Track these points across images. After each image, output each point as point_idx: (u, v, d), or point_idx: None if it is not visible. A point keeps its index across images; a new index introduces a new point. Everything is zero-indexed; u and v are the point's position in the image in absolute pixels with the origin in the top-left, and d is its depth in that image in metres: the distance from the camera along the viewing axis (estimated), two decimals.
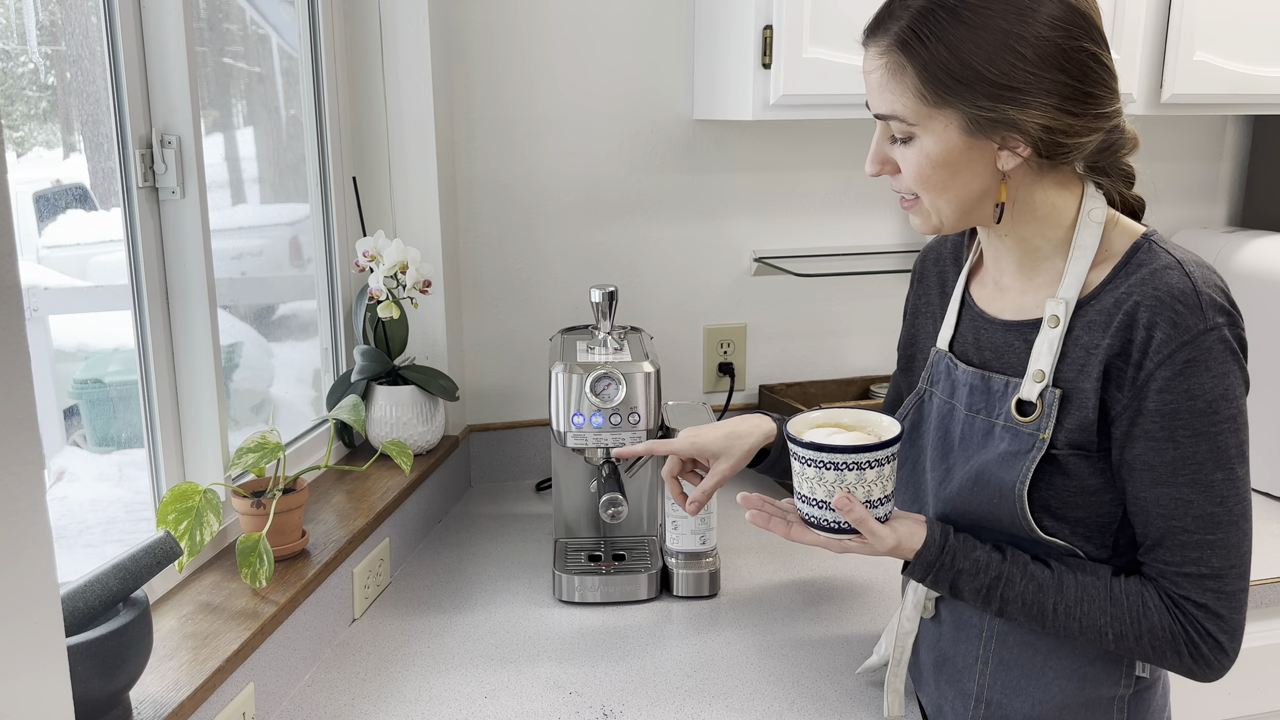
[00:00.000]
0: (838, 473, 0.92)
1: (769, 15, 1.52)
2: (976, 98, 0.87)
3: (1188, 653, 0.91)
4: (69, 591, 0.90)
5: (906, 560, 0.98)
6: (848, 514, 0.92)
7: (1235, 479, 0.89)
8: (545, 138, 1.82)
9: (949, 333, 1.07)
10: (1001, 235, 0.98)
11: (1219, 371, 0.87)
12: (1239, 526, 0.89)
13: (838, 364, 2.03)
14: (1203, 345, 0.87)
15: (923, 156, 0.91)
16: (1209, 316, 0.87)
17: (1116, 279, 0.92)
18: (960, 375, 1.03)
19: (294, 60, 1.58)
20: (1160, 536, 0.91)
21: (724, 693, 1.20)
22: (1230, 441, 0.88)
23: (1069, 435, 0.93)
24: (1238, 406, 0.89)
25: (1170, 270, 0.89)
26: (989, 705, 1.04)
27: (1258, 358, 1.72)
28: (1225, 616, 0.90)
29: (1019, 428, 0.95)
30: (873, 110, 0.94)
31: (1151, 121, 2.09)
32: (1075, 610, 0.93)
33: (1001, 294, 1.02)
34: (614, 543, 1.52)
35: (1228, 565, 0.89)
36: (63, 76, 1.12)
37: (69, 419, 1.22)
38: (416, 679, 1.23)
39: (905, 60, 0.89)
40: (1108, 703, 0.99)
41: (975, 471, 0.97)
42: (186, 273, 1.21)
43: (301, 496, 1.28)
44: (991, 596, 0.95)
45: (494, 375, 1.89)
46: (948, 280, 1.12)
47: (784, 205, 1.94)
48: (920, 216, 0.97)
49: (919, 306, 1.16)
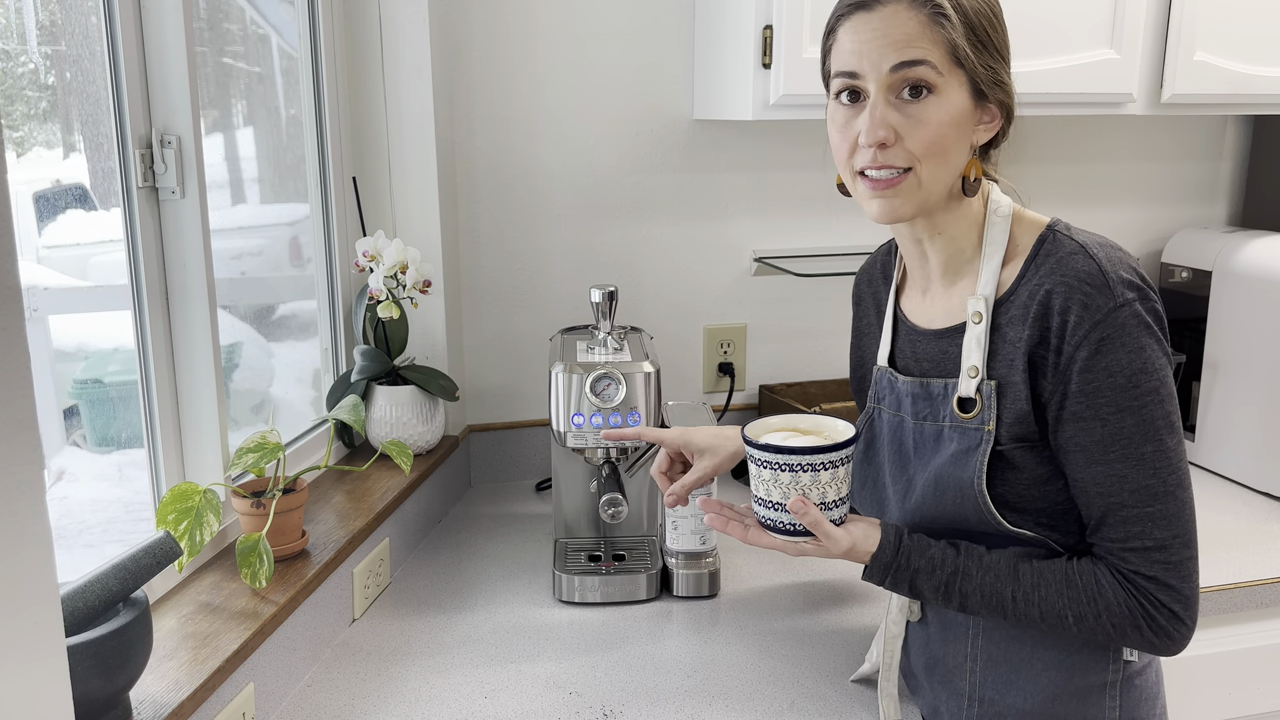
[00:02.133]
0: (792, 474, 0.93)
1: (769, 15, 1.52)
2: (988, 58, 0.91)
3: (1146, 626, 0.91)
4: (69, 591, 0.90)
5: (865, 565, 0.99)
6: (802, 516, 0.93)
7: (1165, 449, 0.90)
8: (545, 137, 1.82)
9: (887, 348, 1.09)
10: (931, 236, 1.00)
11: (1134, 346, 0.89)
12: (1176, 496, 0.90)
13: (838, 364, 2.03)
14: (1115, 322, 0.88)
15: (943, 113, 0.91)
16: (1118, 293, 0.89)
17: (1029, 272, 0.94)
18: (902, 387, 1.05)
19: (294, 60, 1.58)
20: (1102, 515, 0.92)
21: (724, 693, 1.20)
22: (1156, 413, 0.89)
23: (1010, 429, 0.95)
24: (1159, 379, 0.90)
25: (1076, 255, 0.92)
26: (983, 703, 1.04)
27: (1258, 358, 1.72)
28: (1175, 586, 0.91)
29: (964, 425, 0.97)
30: (893, 61, 0.90)
31: (1151, 121, 2.09)
32: (1034, 596, 0.94)
33: (929, 304, 1.04)
34: (614, 543, 1.52)
35: (1170, 535, 0.90)
36: (63, 76, 1.12)
37: (69, 419, 1.22)
38: (416, 679, 1.23)
39: (949, 9, 0.89)
40: (1099, 689, 1.00)
41: (934, 476, 0.99)
42: (186, 273, 1.21)
43: (301, 496, 1.28)
44: (951, 592, 0.96)
45: (494, 375, 1.89)
46: (881, 299, 1.14)
47: (784, 205, 1.94)
48: (902, 197, 0.94)
49: (861, 329, 1.18)
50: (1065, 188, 2.08)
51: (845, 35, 0.94)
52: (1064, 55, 1.62)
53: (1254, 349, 1.73)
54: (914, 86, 0.91)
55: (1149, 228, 2.13)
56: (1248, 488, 1.77)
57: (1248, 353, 1.73)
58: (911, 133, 0.92)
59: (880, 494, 1.09)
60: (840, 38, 0.95)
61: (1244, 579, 1.46)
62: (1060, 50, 1.62)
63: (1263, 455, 1.73)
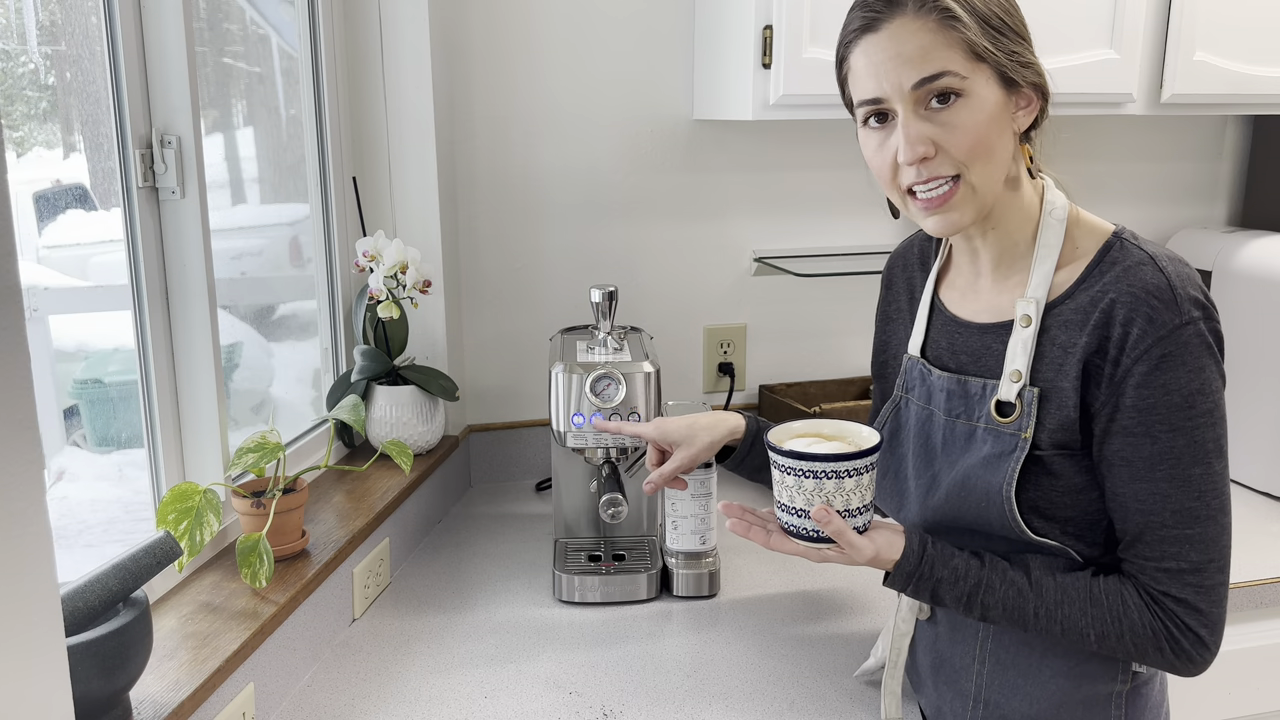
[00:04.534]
0: (817, 481, 0.93)
1: (769, 15, 1.52)
2: (1010, 43, 0.90)
3: (1169, 648, 0.91)
4: (69, 591, 0.90)
5: (887, 571, 0.98)
6: (826, 526, 0.92)
7: (1213, 473, 0.89)
8: (545, 137, 1.82)
9: (920, 338, 1.07)
10: (985, 231, 0.98)
11: (1195, 366, 0.87)
12: (1217, 521, 0.89)
13: (838, 364, 2.03)
14: (1179, 340, 0.87)
15: (977, 114, 0.89)
16: (1185, 311, 0.87)
17: (1091, 277, 0.93)
18: (936, 380, 1.03)
19: (294, 60, 1.58)
20: (1139, 532, 0.91)
21: (724, 693, 1.20)
22: (1207, 436, 0.88)
23: (1052, 435, 0.93)
24: (1214, 401, 0.89)
25: (1144, 266, 0.90)
26: (987, 705, 1.04)
27: (1258, 358, 1.72)
28: (1205, 611, 0.90)
29: (1000, 429, 0.95)
30: (914, 78, 0.88)
31: (1151, 121, 2.09)
32: (1056, 613, 0.93)
33: (974, 296, 1.02)
34: (614, 543, 1.52)
35: (1206, 560, 0.89)
36: (63, 76, 1.12)
37: (69, 419, 1.22)
38: (416, 679, 1.23)
39: (957, 9, 0.88)
40: (1105, 699, 0.99)
41: (961, 476, 0.98)
42: (186, 273, 1.21)
43: (301, 496, 1.28)
44: (973, 603, 0.96)
45: (494, 375, 1.89)
46: (916, 285, 1.12)
47: (784, 205, 1.94)
48: (959, 209, 0.91)
49: (889, 313, 1.16)
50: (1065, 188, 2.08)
51: (858, 61, 0.92)
52: (1064, 55, 1.62)
53: (1254, 349, 1.73)
54: (940, 95, 0.89)
55: (1149, 228, 2.13)
56: (1248, 488, 1.77)
57: (1248, 353, 1.73)
58: (950, 140, 0.89)
59: (901, 485, 1.07)
60: (854, 65, 0.92)
61: (1244, 579, 1.46)
62: (1060, 50, 1.62)
63: (1263, 455, 1.73)
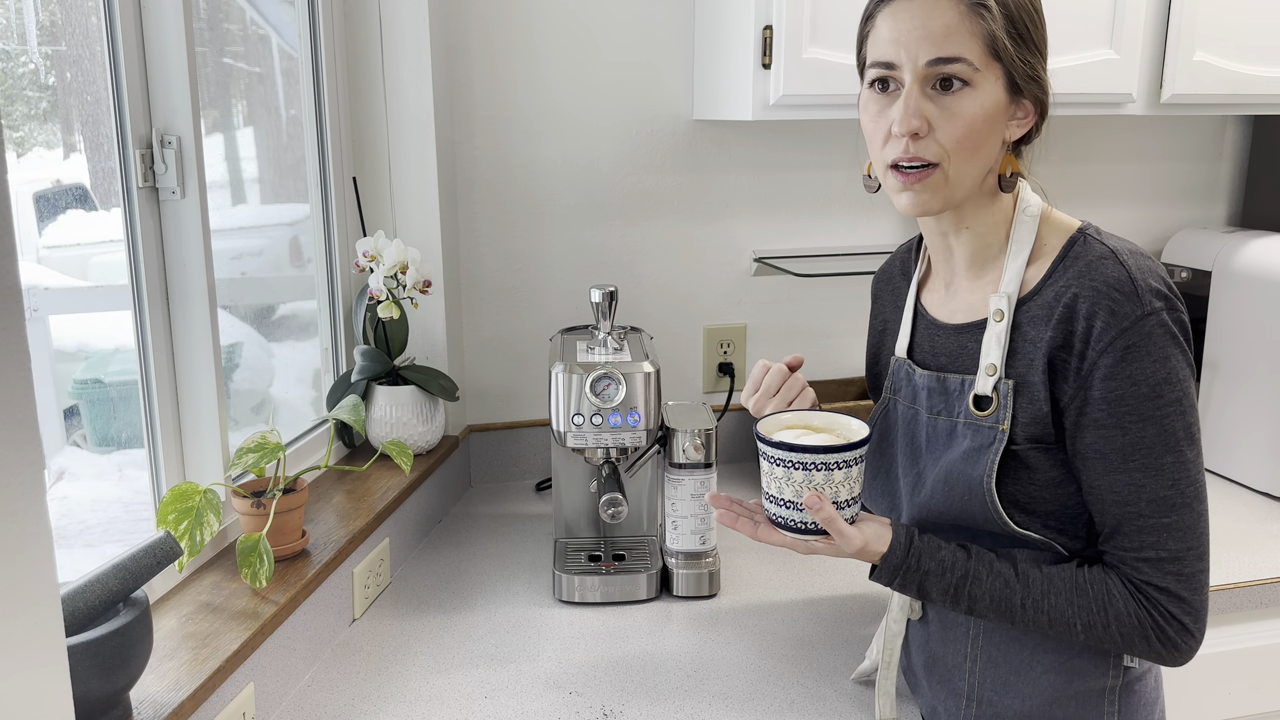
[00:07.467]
0: (806, 473, 0.93)
1: (769, 15, 1.52)
2: (1026, 51, 0.91)
3: (1155, 637, 0.91)
4: (69, 591, 0.90)
5: (874, 565, 0.98)
6: (817, 513, 0.93)
7: (1185, 461, 0.90)
8: (545, 137, 1.82)
9: (906, 340, 1.09)
10: (959, 230, 1.00)
11: (1160, 356, 0.88)
12: (1193, 508, 0.90)
13: (838, 364, 2.03)
14: (1142, 330, 0.88)
15: (978, 107, 0.90)
16: (1146, 302, 0.88)
17: (1056, 273, 0.94)
18: (919, 380, 1.04)
19: (294, 60, 1.58)
20: (1117, 523, 0.92)
21: (724, 693, 1.20)
22: (1177, 424, 0.89)
23: (1025, 429, 0.94)
24: (1183, 389, 0.89)
25: (1106, 260, 0.91)
26: (980, 703, 1.04)
27: (1258, 358, 1.72)
28: (1187, 598, 0.91)
29: (979, 423, 0.97)
30: (930, 55, 0.89)
31: (1151, 121, 2.09)
32: (1043, 604, 0.94)
33: (951, 298, 1.04)
34: (614, 543, 1.52)
35: (1184, 548, 0.90)
36: (63, 76, 1.12)
37: (69, 419, 1.22)
38: (416, 679, 1.23)
39: (991, 1, 0.89)
40: (1098, 695, 1.00)
41: (944, 472, 0.99)
42: (186, 273, 1.21)
43: (301, 496, 1.28)
44: (960, 596, 0.96)
45: (494, 375, 1.89)
46: (900, 295, 1.14)
47: (784, 205, 1.94)
48: (929, 191, 0.93)
49: (877, 326, 1.19)
50: (1065, 188, 2.08)
51: (884, 23, 0.93)
52: (1063, 55, 1.62)
53: (1254, 349, 1.73)
54: (946, 80, 0.90)
55: (1149, 228, 2.13)
56: (1247, 488, 1.77)
57: (1247, 353, 1.73)
58: (944, 125, 0.91)
59: (891, 485, 1.09)
60: (879, 25, 0.94)
61: (1244, 579, 1.46)
62: (1060, 50, 1.62)
63: (1262, 455, 1.73)
